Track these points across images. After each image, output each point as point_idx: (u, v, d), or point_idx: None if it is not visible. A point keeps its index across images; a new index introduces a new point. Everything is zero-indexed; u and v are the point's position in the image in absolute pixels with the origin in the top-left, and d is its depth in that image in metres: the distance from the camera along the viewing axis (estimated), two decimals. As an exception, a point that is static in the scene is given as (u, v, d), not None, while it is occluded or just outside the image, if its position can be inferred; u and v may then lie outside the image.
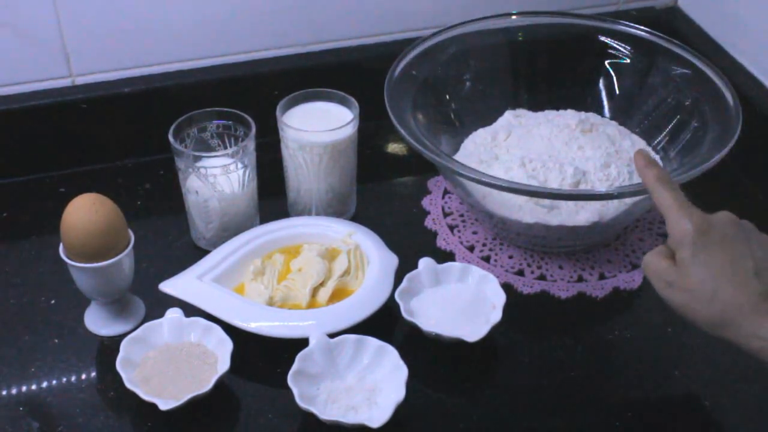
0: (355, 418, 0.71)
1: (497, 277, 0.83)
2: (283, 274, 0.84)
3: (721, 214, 0.67)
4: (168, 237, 0.91)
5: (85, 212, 0.75)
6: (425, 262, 0.84)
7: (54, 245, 0.78)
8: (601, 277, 0.88)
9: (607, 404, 0.77)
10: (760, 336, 0.62)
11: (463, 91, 0.98)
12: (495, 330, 0.78)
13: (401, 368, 0.74)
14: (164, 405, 0.71)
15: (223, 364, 0.74)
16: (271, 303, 0.81)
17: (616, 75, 0.99)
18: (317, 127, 0.86)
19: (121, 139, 1.00)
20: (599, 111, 0.98)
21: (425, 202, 0.96)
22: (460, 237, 0.92)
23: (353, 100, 0.89)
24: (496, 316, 0.79)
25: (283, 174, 0.91)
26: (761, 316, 0.62)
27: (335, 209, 0.91)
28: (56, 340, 0.81)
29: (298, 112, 0.89)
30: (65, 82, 0.98)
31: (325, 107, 0.90)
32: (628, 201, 0.84)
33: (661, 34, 0.95)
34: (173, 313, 0.78)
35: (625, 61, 0.98)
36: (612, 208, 0.85)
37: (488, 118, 0.98)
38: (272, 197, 0.93)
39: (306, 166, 0.88)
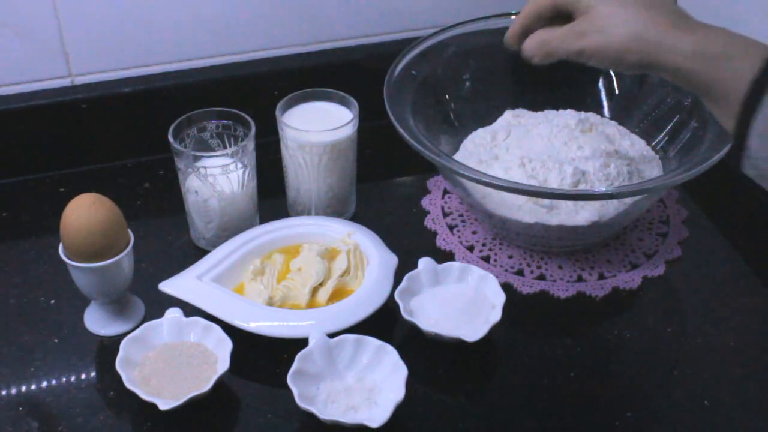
0: (354, 418, 0.71)
1: (497, 276, 0.83)
2: (283, 273, 0.84)
3: None
4: (168, 237, 0.92)
5: (85, 212, 0.75)
6: (425, 262, 0.84)
7: (54, 245, 0.78)
8: (601, 276, 0.88)
9: (606, 404, 0.77)
10: (678, 50, 0.62)
11: (463, 91, 0.98)
12: (494, 330, 0.78)
13: (401, 368, 0.74)
14: (164, 405, 0.71)
15: (223, 364, 0.74)
16: (270, 303, 0.81)
17: (615, 75, 0.99)
18: (317, 127, 0.86)
19: (120, 139, 1.00)
20: (599, 111, 0.98)
21: (425, 202, 0.96)
22: (459, 237, 0.92)
23: (353, 100, 0.89)
24: (496, 315, 0.79)
25: (283, 174, 0.91)
26: (683, 31, 0.62)
27: (335, 209, 0.91)
28: (56, 340, 0.81)
29: (297, 112, 0.89)
30: (65, 82, 0.98)
31: (324, 107, 0.90)
32: (628, 201, 0.84)
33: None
34: (173, 313, 0.78)
35: (624, 61, 0.98)
36: (611, 208, 0.85)
37: (488, 117, 0.98)
38: (272, 197, 0.93)
39: (305, 166, 0.88)
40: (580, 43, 0.67)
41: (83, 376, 0.78)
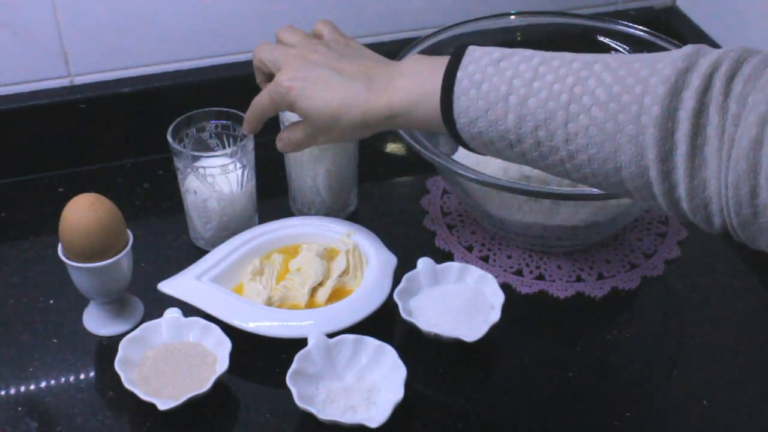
0: (353, 418, 0.71)
1: (496, 276, 0.83)
2: (282, 274, 0.84)
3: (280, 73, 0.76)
4: (167, 237, 0.91)
5: (84, 212, 0.75)
6: (424, 262, 0.84)
7: (53, 245, 0.78)
8: (600, 276, 0.88)
9: (606, 404, 0.77)
10: (384, 115, 0.71)
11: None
12: (493, 330, 0.78)
13: (400, 368, 0.74)
14: (163, 405, 0.71)
15: (222, 364, 0.74)
16: (269, 303, 0.81)
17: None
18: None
19: (119, 139, 1.00)
20: (598, 111, 0.98)
21: (424, 202, 0.96)
22: (458, 237, 0.92)
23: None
24: (495, 316, 0.79)
25: (284, 170, 0.91)
26: (377, 98, 0.71)
27: (338, 204, 0.91)
28: (55, 340, 0.81)
29: None
30: (64, 82, 0.98)
31: None
32: (626, 201, 0.84)
33: (660, 34, 0.95)
34: (172, 313, 0.78)
35: (623, 61, 0.98)
36: (610, 208, 0.85)
37: (487, 118, 0.97)
38: (271, 197, 0.93)
39: (307, 161, 0.88)
40: (317, 142, 0.78)
41: (82, 377, 0.78)
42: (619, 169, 0.58)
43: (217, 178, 0.84)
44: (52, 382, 0.78)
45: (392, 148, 1.05)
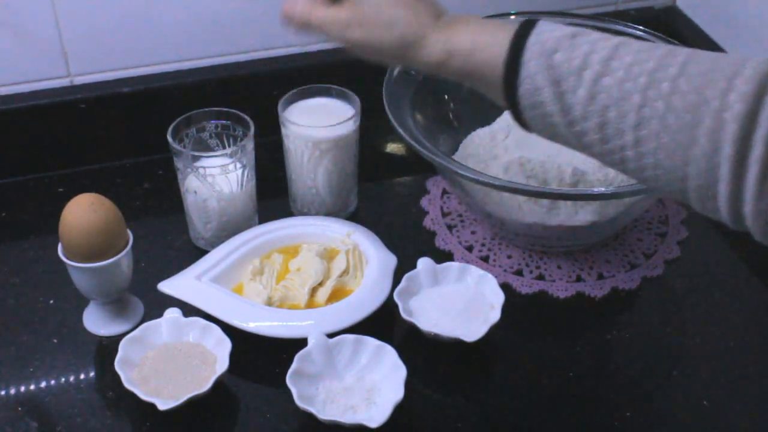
0: (353, 418, 0.71)
1: (496, 276, 0.83)
2: (282, 274, 0.84)
3: None
4: (167, 237, 0.91)
5: (84, 212, 0.75)
6: (424, 262, 0.84)
7: (53, 245, 0.78)
8: (600, 277, 0.88)
9: (606, 404, 0.77)
10: (441, 48, 0.64)
11: (462, 91, 0.98)
12: (493, 330, 0.78)
13: (400, 368, 0.74)
14: (163, 405, 0.71)
15: (222, 364, 0.74)
16: (269, 303, 0.81)
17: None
18: (319, 122, 0.86)
19: (119, 139, 1.00)
20: (598, 111, 0.98)
21: (424, 202, 0.96)
22: (458, 237, 0.92)
23: (355, 95, 0.89)
24: (495, 316, 0.79)
25: (284, 170, 0.92)
26: (440, 30, 0.65)
27: (337, 204, 0.91)
28: (55, 340, 0.81)
29: (299, 108, 0.89)
30: (64, 82, 0.98)
31: (326, 103, 0.90)
32: (627, 201, 0.84)
33: (660, 34, 0.95)
34: (172, 313, 0.78)
35: (623, 61, 0.98)
36: (610, 208, 0.85)
37: (487, 117, 0.97)
38: (271, 197, 0.93)
39: (308, 162, 0.88)
40: (342, 33, 0.68)
41: (82, 377, 0.78)
42: (687, 164, 0.55)
43: (217, 178, 0.84)
44: (52, 382, 0.78)
45: (392, 148, 1.05)
